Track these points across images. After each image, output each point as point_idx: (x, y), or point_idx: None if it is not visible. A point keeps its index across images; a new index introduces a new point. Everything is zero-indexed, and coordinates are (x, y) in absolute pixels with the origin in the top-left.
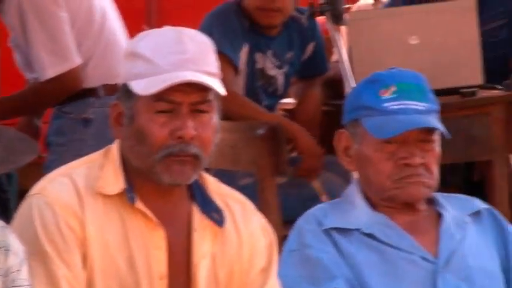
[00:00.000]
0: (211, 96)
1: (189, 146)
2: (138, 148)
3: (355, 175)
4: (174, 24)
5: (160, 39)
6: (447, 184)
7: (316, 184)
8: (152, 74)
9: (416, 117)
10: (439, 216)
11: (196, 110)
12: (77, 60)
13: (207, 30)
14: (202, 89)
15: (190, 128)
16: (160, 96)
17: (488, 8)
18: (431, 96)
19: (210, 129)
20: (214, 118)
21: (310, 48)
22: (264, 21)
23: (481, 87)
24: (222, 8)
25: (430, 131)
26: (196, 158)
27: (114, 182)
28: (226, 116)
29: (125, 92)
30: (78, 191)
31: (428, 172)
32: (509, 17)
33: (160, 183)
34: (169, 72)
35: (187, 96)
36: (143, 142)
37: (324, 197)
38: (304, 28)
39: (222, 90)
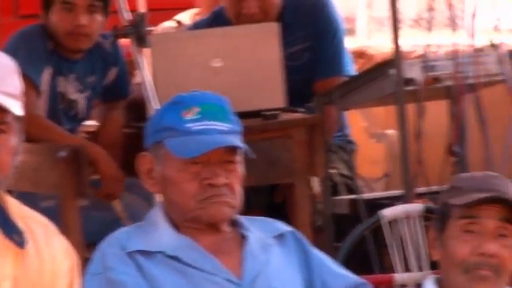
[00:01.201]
0: (8, 118)
1: None
2: None
3: (158, 197)
4: None
5: None
6: (250, 206)
7: (118, 206)
8: None
9: (218, 137)
10: (243, 238)
11: None
12: None
13: (12, 51)
14: None
15: None
16: None
17: (290, 31)
18: (234, 117)
19: (7, 151)
20: (12, 140)
21: (112, 73)
22: (72, 45)
23: (283, 110)
24: (27, 29)
25: (233, 151)
26: None
27: None
28: (28, 138)
29: None
30: None
31: (232, 192)
32: (310, 41)
33: None
34: None
35: None
36: None
37: (125, 219)
38: (107, 53)
39: (18, 112)
